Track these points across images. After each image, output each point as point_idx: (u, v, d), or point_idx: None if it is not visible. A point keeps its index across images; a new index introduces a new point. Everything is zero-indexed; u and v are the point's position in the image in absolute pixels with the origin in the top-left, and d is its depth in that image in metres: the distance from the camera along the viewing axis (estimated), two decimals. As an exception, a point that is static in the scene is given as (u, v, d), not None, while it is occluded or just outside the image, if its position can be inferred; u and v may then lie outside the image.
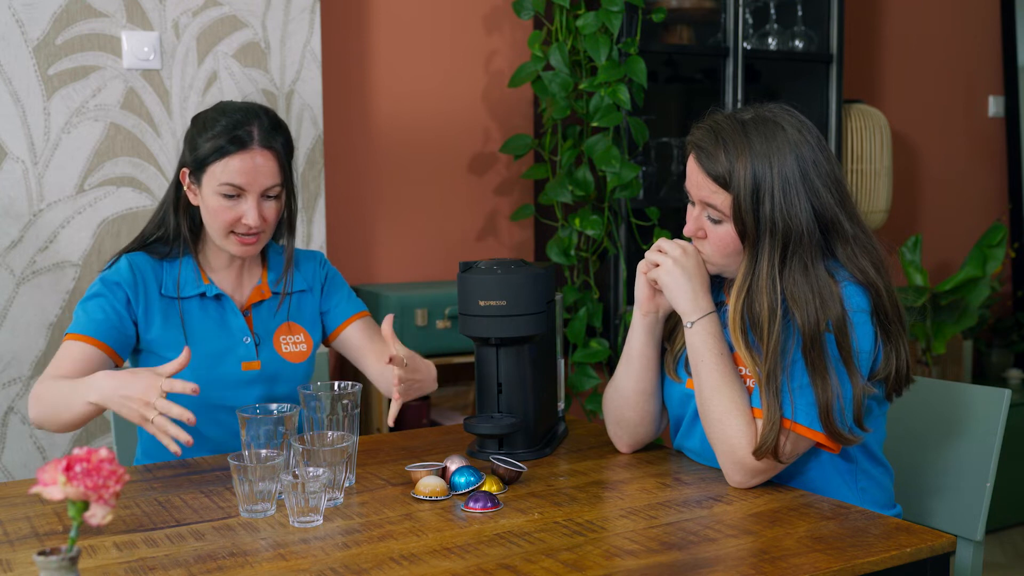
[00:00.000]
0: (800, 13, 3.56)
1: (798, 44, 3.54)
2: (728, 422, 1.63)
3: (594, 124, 2.97)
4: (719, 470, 1.73)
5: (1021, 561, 3.59)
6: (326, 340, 2.11)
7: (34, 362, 2.55)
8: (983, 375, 4.34)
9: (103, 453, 1.07)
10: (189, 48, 2.67)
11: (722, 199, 1.64)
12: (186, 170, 1.91)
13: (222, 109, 1.90)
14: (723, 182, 1.63)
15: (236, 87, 2.73)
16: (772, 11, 3.53)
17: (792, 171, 1.62)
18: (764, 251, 1.63)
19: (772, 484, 1.67)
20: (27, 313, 2.53)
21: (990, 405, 1.84)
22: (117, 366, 1.88)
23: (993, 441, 1.82)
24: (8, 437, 2.53)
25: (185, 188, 1.93)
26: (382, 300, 2.93)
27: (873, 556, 1.37)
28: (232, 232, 1.89)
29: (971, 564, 1.81)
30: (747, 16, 3.39)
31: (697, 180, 1.68)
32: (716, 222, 1.67)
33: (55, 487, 1.05)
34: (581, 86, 2.99)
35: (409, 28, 3.24)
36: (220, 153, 1.85)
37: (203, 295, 1.95)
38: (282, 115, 2.75)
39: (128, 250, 1.96)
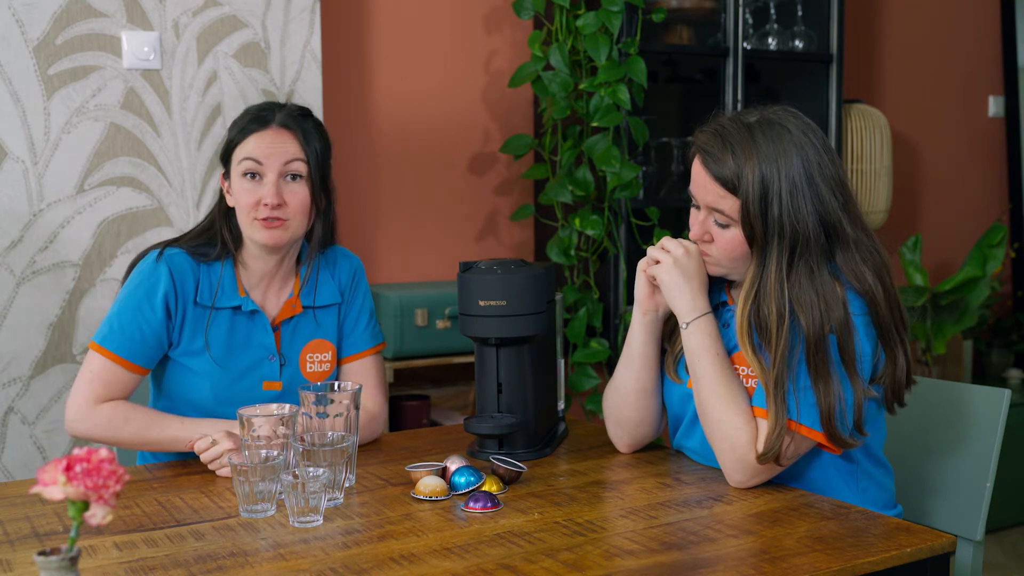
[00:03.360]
0: (800, 13, 3.55)
1: (798, 44, 3.54)
2: (728, 421, 1.63)
3: (594, 124, 2.96)
4: (719, 470, 1.73)
5: (1021, 561, 3.59)
6: None
7: (34, 362, 2.55)
8: (983, 375, 4.34)
9: (103, 453, 1.07)
10: (189, 48, 2.67)
11: (730, 204, 1.63)
12: (222, 172, 1.94)
13: (252, 105, 1.98)
14: (731, 187, 1.62)
15: (236, 87, 2.73)
16: (772, 11, 3.52)
17: (798, 174, 1.61)
18: (772, 255, 1.62)
19: (772, 484, 1.67)
20: (27, 313, 2.53)
21: (990, 405, 1.84)
22: (143, 375, 1.89)
23: (993, 441, 1.82)
24: (8, 437, 2.53)
25: (224, 192, 1.94)
26: (382, 300, 2.93)
27: (873, 556, 1.37)
28: (256, 218, 1.86)
29: (971, 564, 1.81)
30: (747, 16, 3.39)
31: (704, 184, 1.66)
32: (723, 226, 1.66)
33: (55, 487, 1.05)
34: (581, 86, 2.99)
35: (409, 28, 3.24)
36: (242, 133, 1.90)
37: (237, 308, 1.91)
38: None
39: (169, 244, 1.93)
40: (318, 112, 2.84)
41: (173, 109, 2.67)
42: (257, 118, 1.90)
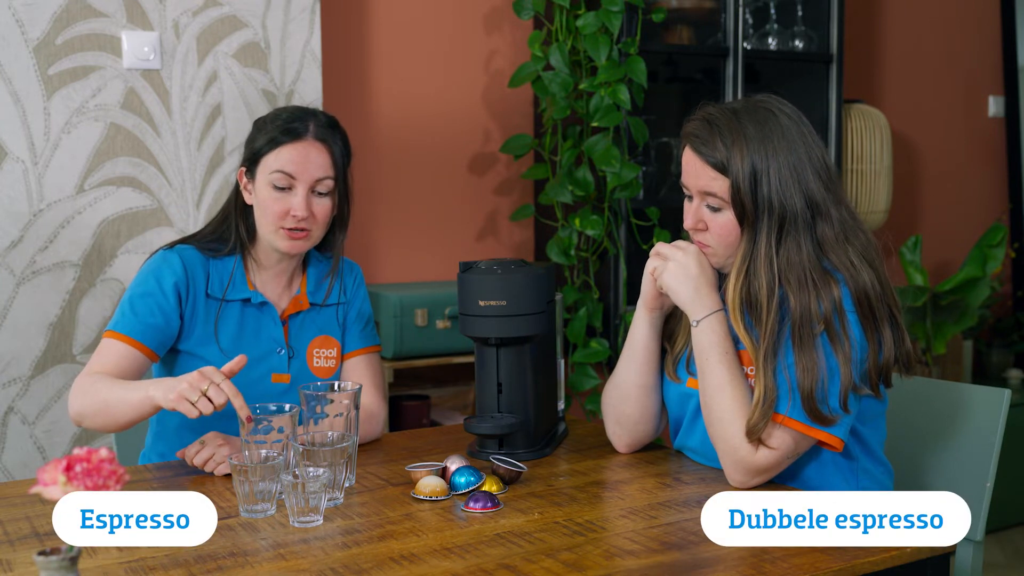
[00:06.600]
0: (800, 13, 3.55)
1: (798, 44, 3.54)
2: (731, 421, 1.63)
3: (594, 124, 2.96)
4: (719, 470, 1.73)
5: (1021, 561, 3.59)
6: None
7: (34, 362, 2.55)
8: (983, 375, 4.34)
9: (103, 453, 1.07)
10: (189, 48, 2.67)
11: (721, 185, 1.67)
12: (243, 169, 1.94)
13: (281, 109, 1.96)
14: (721, 168, 1.66)
15: (236, 87, 2.73)
16: (772, 11, 3.52)
17: (785, 154, 1.66)
18: (762, 232, 1.66)
19: (772, 484, 1.67)
20: (27, 313, 2.53)
21: (990, 405, 1.85)
22: (152, 363, 1.88)
23: (993, 441, 1.82)
24: (8, 437, 2.53)
25: (241, 188, 1.95)
26: (382, 300, 2.93)
27: (873, 556, 1.37)
28: (281, 227, 1.88)
29: (971, 564, 1.81)
30: (747, 16, 3.39)
31: (695, 170, 1.70)
32: (716, 210, 1.69)
33: (55, 487, 1.05)
34: (581, 86, 2.99)
35: (409, 28, 3.24)
36: (274, 143, 1.88)
37: (247, 300, 1.93)
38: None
39: (179, 243, 1.95)
40: (318, 112, 2.84)
41: (173, 109, 2.67)
42: (290, 129, 1.88)
